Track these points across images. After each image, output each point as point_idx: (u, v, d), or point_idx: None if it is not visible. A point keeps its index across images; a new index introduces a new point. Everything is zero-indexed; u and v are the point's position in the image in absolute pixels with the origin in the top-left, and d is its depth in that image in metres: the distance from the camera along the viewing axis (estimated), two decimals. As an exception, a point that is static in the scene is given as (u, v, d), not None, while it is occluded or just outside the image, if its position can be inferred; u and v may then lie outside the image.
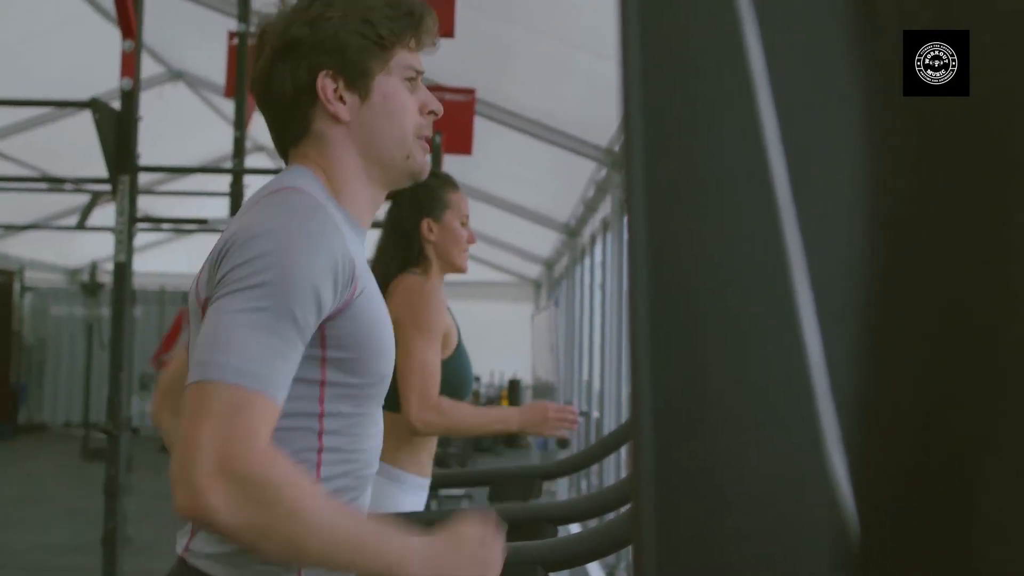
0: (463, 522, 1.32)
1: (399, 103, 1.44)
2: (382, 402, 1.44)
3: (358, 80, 1.41)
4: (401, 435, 2.54)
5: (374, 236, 2.82)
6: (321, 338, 1.31)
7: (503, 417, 2.75)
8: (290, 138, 1.44)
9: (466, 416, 2.54)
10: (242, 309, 1.23)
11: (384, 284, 2.59)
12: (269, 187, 1.40)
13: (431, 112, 1.47)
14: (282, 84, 1.41)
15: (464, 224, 2.68)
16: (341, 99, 1.41)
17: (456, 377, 2.59)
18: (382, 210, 2.70)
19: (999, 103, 0.55)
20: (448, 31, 4.39)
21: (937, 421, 0.56)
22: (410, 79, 1.45)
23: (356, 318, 1.33)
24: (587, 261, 9.03)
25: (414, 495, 2.52)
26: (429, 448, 2.59)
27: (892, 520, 0.56)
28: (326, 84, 1.40)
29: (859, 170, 0.58)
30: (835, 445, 0.56)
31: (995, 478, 0.54)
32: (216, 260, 1.29)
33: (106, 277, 14.95)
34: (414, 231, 2.63)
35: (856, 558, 0.56)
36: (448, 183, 2.72)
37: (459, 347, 2.63)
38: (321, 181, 1.41)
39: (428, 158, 1.48)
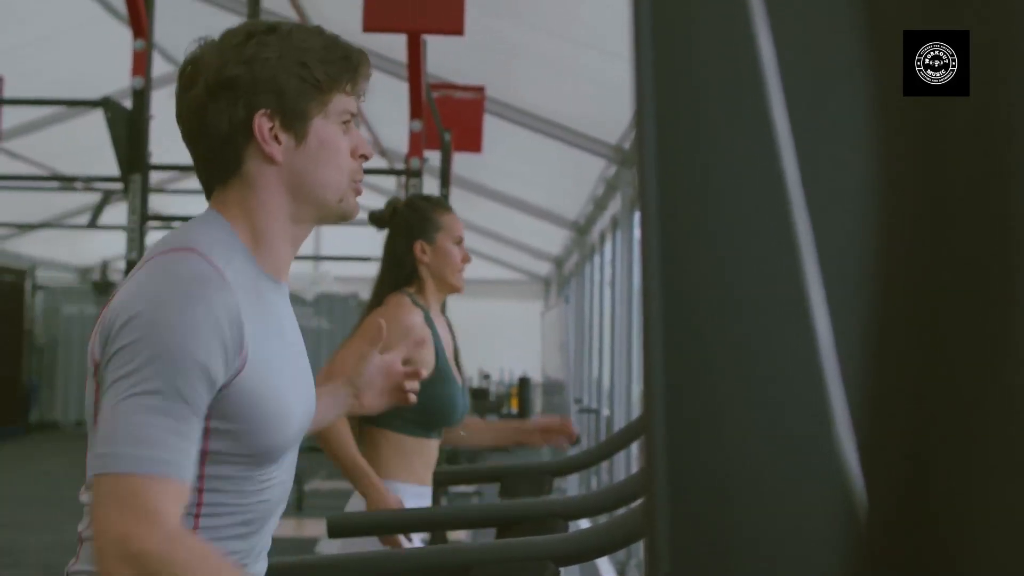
0: None
1: (335, 148, 1.43)
2: (290, 459, 1.44)
3: (295, 122, 1.40)
4: (390, 447, 2.56)
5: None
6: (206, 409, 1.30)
7: None
8: (219, 176, 1.43)
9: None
10: (130, 395, 1.25)
11: (378, 306, 2.63)
12: (164, 244, 1.38)
13: (362, 156, 1.47)
14: (218, 120, 1.39)
15: (458, 244, 2.70)
16: (277, 139, 1.40)
17: (433, 404, 2.55)
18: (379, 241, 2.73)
19: (999, 103, 0.56)
20: (458, 29, 4.40)
21: (945, 406, 0.56)
22: (345, 122, 1.45)
23: (242, 391, 1.32)
24: (596, 258, 9.03)
25: (413, 503, 2.52)
26: (423, 456, 2.59)
27: (904, 520, 0.57)
28: (263, 123, 1.39)
29: (869, 165, 0.58)
30: (846, 435, 0.56)
31: (1001, 461, 0.54)
32: (107, 331, 1.31)
33: (117, 276, 15.00)
34: (407, 255, 2.66)
35: (866, 554, 0.56)
36: (439, 205, 2.76)
37: (438, 369, 2.59)
38: (237, 233, 1.40)
39: (358, 200, 1.48)
